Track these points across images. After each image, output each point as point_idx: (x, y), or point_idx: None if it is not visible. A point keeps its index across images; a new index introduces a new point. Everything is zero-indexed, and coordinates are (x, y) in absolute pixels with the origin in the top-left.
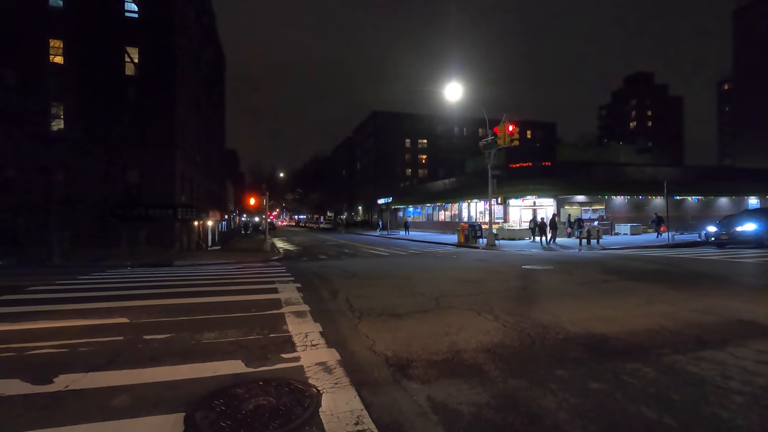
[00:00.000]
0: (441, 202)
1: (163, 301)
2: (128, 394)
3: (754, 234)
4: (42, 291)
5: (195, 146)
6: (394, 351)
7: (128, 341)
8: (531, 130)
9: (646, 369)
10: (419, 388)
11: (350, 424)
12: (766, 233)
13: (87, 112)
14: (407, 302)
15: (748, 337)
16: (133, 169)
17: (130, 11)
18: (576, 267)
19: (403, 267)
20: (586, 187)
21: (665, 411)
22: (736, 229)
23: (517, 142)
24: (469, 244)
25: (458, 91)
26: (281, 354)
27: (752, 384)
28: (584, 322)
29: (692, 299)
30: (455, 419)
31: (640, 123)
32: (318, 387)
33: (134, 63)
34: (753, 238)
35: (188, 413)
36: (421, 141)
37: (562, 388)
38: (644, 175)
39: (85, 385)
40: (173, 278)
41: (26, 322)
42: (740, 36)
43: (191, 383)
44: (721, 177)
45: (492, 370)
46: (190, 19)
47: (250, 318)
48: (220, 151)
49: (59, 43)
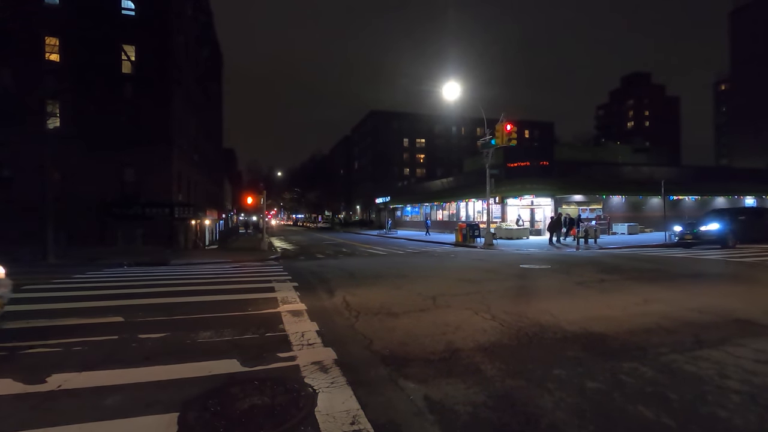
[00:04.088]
0: (439, 202)
1: (159, 300)
2: (122, 394)
3: (717, 233)
4: (37, 290)
5: (192, 145)
6: (391, 350)
7: (123, 340)
8: (529, 129)
9: (643, 368)
10: (416, 388)
11: (346, 424)
12: (728, 233)
13: (83, 110)
14: (404, 301)
15: (746, 336)
16: (130, 167)
17: (127, 9)
18: (573, 266)
19: (401, 266)
20: (583, 187)
21: (663, 410)
22: (701, 229)
23: (514, 141)
24: (467, 244)
25: (456, 90)
26: (277, 353)
27: (750, 383)
28: (582, 322)
29: (690, 299)
30: (452, 419)
31: (638, 123)
32: (314, 386)
33: (131, 61)
34: (716, 237)
35: (182, 413)
36: (419, 140)
37: (559, 388)
38: (641, 174)
39: (78, 384)
40: (169, 277)
41: (20, 320)
42: (737, 36)
43: (186, 383)
44: (717, 177)
45: (489, 370)
46: (187, 17)
47: (247, 317)
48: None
49: (55, 41)
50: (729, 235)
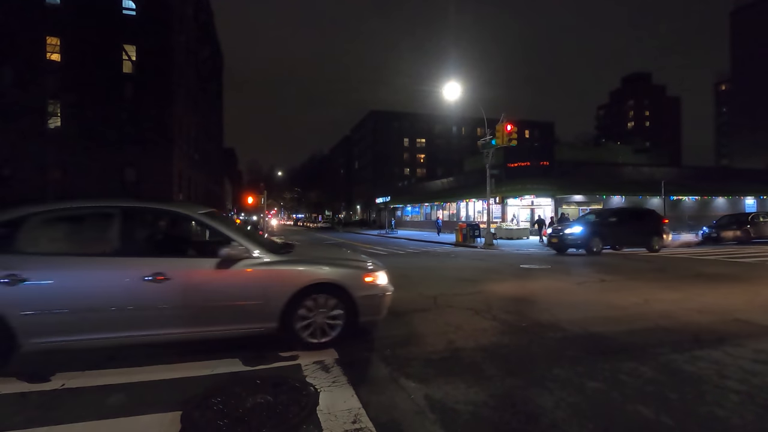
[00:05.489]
0: (439, 201)
1: None
2: (125, 393)
3: (580, 237)
4: None
5: (193, 144)
6: (392, 350)
7: None
8: (529, 129)
9: (643, 368)
10: (417, 387)
11: (348, 422)
12: (592, 237)
13: (84, 109)
14: (405, 301)
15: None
16: (131, 167)
17: (128, 9)
18: (573, 266)
19: (402, 266)
20: (583, 187)
21: (662, 410)
22: (565, 231)
23: (515, 141)
24: (468, 244)
25: (457, 90)
26: (279, 353)
27: (748, 383)
28: (582, 322)
29: (689, 299)
30: (453, 418)
31: (638, 123)
32: (315, 386)
33: (132, 61)
34: (580, 242)
35: (185, 412)
36: (420, 140)
37: (559, 387)
38: (642, 175)
39: (82, 383)
40: None
41: None
42: (738, 36)
43: (188, 382)
44: (718, 177)
45: (489, 369)
46: (188, 17)
47: None
48: (218, 149)
49: (56, 41)
50: (593, 240)
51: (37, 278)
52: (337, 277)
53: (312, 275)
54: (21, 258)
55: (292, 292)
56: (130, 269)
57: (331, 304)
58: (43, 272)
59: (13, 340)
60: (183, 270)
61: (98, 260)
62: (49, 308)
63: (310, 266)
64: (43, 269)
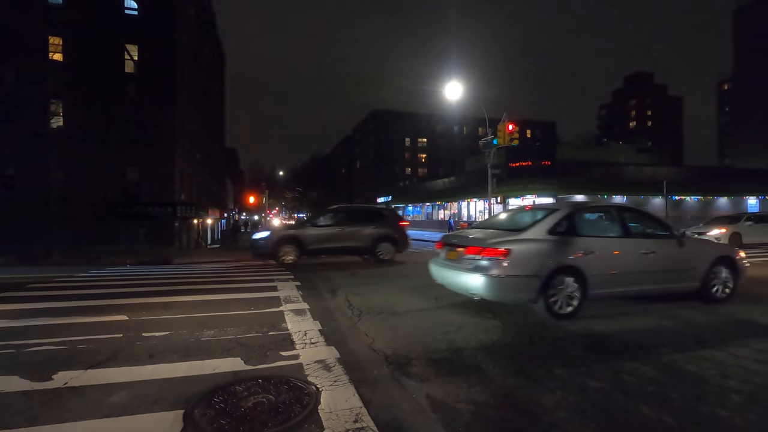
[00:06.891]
0: (441, 201)
1: (162, 298)
2: (127, 391)
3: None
4: (41, 288)
5: (194, 144)
6: (394, 349)
7: (127, 338)
8: (531, 129)
9: (645, 368)
10: (418, 386)
11: (349, 421)
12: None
13: (86, 109)
14: (406, 300)
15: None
16: (133, 166)
17: (130, 8)
18: None
19: (402, 265)
20: (585, 187)
21: (664, 409)
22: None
23: (516, 141)
24: None
25: (458, 90)
26: (280, 352)
27: (751, 383)
28: (584, 321)
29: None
30: (454, 417)
31: (640, 123)
32: (317, 385)
33: (134, 60)
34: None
35: (187, 410)
36: (421, 140)
37: (560, 387)
38: (644, 174)
39: (84, 382)
40: (172, 276)
41: (26, 319)
42: (740, 36)
43: (190, 380)
44: (720, 177)
45: (491, 369)
46: (190, 16)
47: (250, 316)
48: (219, 149)
49: (59, 41)
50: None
51: (596, 251)
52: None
53: (718, 251)
54: (585, 240)
55: (710, 260)
56: (636, 247)
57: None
58: (596, 247)
59: (586, 289)
60: (662, 247)
61: (618, 240)
62: (602, 271)
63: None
64: (596, 246)
